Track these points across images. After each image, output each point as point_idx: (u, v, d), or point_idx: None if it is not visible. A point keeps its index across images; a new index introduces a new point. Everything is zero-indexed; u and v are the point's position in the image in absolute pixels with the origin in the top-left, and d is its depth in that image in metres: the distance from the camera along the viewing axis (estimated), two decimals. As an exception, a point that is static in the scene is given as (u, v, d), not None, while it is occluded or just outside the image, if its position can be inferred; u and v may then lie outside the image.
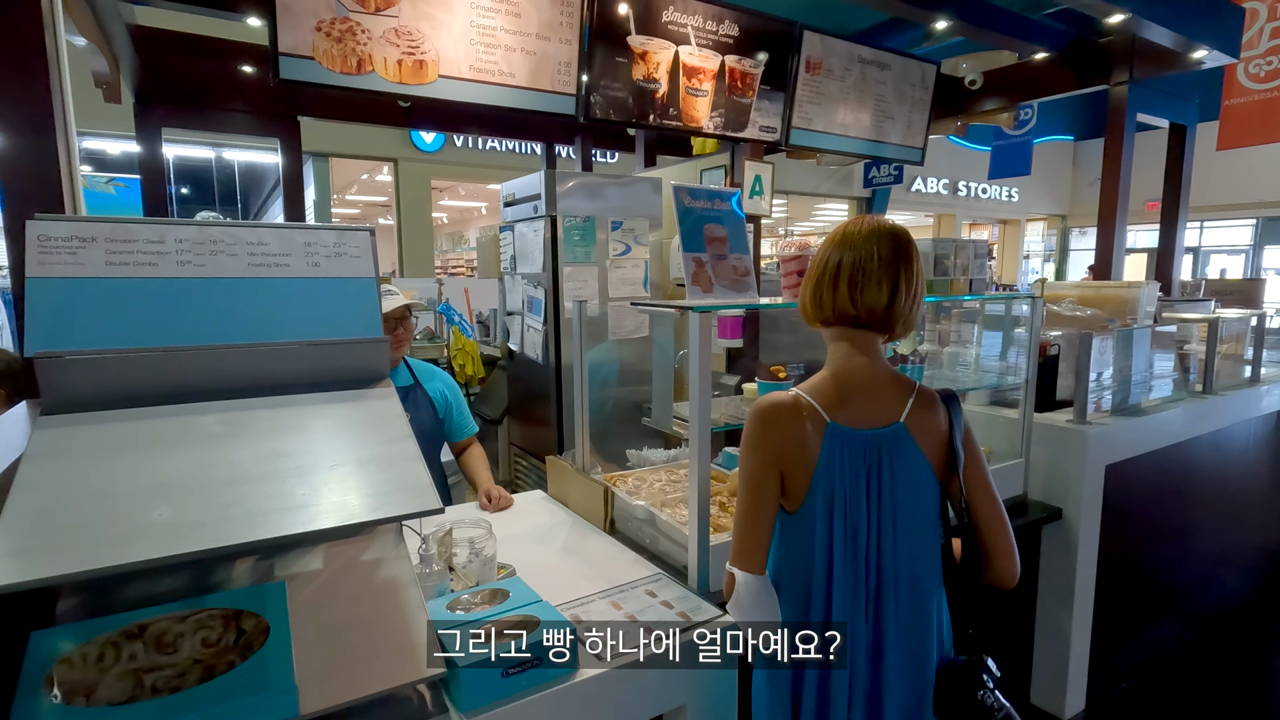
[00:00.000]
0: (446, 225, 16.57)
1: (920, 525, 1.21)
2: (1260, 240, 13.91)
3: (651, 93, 3.23)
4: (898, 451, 1.19)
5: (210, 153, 9.05)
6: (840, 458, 1.16)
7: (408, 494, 1.03)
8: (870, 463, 1.18)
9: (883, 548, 1.18)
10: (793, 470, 1.17)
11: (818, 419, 1.17)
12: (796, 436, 1.17)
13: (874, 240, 1.20)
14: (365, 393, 1.26)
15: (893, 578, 1.19)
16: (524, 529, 1.90)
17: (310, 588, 1.18)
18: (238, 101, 3.72)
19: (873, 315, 1.20)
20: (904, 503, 1.19)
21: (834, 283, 1.21)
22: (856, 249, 1.20)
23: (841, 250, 1.21)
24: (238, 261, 1.20)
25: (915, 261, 1.22)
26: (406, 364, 2.35)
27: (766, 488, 1.17)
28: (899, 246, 1.21)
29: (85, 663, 0.93)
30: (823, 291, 1.22)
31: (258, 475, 1.00)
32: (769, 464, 1.17)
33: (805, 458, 1.17)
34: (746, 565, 1.16)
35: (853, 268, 1.19)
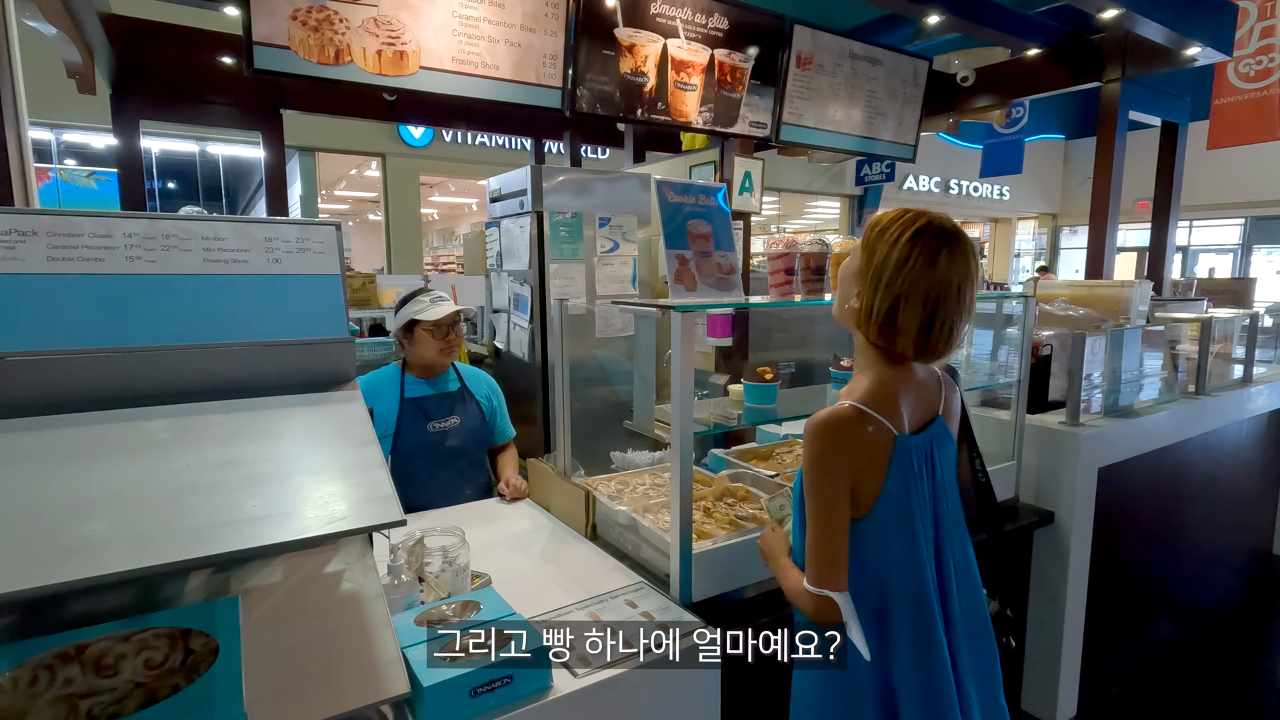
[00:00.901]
0: (437, 221, 16.44)
1: (958, 500, 1.24)
2: (1249, 240, 13.97)
3: (639, 87, 3.17)
4: (942, 441, 1.21)
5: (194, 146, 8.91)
6: (911, 465, 1.15)
7: (368, 505, 0.97)
8: (928, 459, 1.18)
9: (940, 532, 1.20)
10: (861, 483, 1.14)
11: (883, 430, 1.13)
12: (864, 451, 1.12)
13: (964, 268, 1.07)
14: (327, 396, 1.20)
15: (952, 558, 1.20)
16: (502, 535, 1.84)
17: (267, 602, 1.11)
18: (218, 94, 3.64)
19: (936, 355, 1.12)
20: (949, 485, 1.22)
21: (908, 317, 1.07)
22: (939, 278, 1.05)
23: (923, 275, 1.05)
24: (192, 258, 1.14)
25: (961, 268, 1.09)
26: (455, 368, 2.35)
27: (840, 505, 1.12)
28: (974, 269, 1.10)
29: (15, 688, 0.87)
30: (894, 322, 1.08)
31: (204, 486, 0.94)
32: (840, 481, 1.12)
33: (874, 470, 1.13)
34: (840, 584, 1.11)
35: (930, 304, 1.06)
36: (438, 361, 2.23)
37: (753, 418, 1.61)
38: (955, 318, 1.08)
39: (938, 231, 1.08)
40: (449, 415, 2.24)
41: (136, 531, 0.85)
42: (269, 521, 0.91)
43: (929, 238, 1.07)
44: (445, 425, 2.21)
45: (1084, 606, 2.28)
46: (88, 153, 8.38)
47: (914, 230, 1.07)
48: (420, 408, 2.18)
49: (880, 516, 1.14)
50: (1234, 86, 6.54)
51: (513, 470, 2.30)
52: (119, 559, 0.80)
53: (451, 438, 2.21)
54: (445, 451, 2.20)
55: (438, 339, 2.19)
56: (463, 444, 2.24)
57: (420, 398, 2.20)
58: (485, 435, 2.34)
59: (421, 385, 2.23)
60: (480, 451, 2.36)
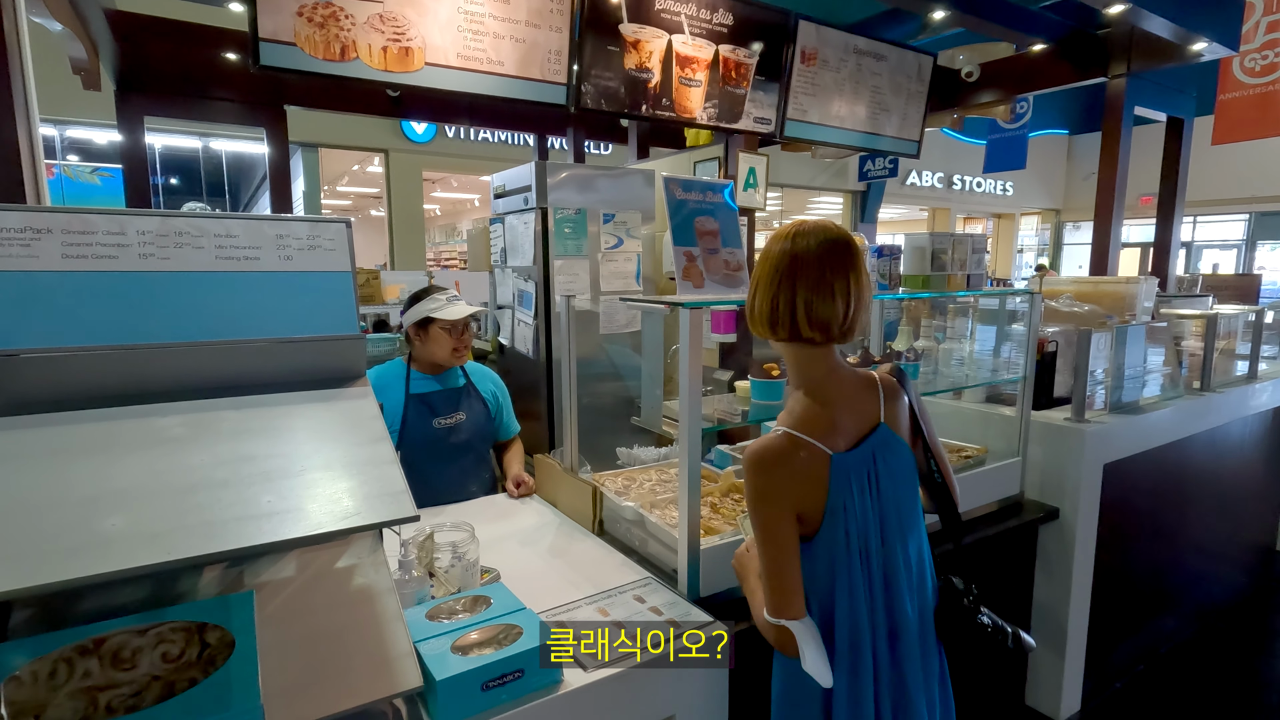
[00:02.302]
0: (439, 218, 16.43)
1: (912, 501, 1.24)
2: (1253, 235, 13.93)
3: (644, 83, 3.17)
4: (887, 449, 1.20)
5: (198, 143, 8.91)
6: (849, 483, 1.15)
7: (381, 500, 0.98)
8: (869, 471, 1.18)
9: (887, 541, 1.19)
10: (806, 507, 1.15)
11: (817, 454, 1.14)
12: (802, 476, 1.14)
13: (822, 251, 1.15)
14: (339, 392, 1.21)
15: (903, 563, 1.19)
16: (510, 530, 1.85)
17: (281, 597, 1.12)
18: (222, 90, 3.64)
19: (830, 332, 1.16)
20: (900, 492, 1.21)
21: (789, 302, 1.15)
22: (805, 263, 1.14)
23: (790, 265, 1.15)
24: (204, 255, 1.15)
25: (861, 263, 1.18)
26: (460, 366, 2.35)
27: (787, 535, 1.13)
28: (849, 253, 1.17)
29: (35, 681, 0.88)
30: (776, 310, 1.16)
31: (219, 481, 0.95)
32: (783, 511, 1.13)
33: (815, 493, 1.14)
34: (796, 612, 1.12)
35: (805, 284, 1.14)
36: (449, 360, 2.23)
37: (760, 414, 1.61)
38: (813, 294, 1.14)
39: (797, 227, 1.18)
40: (454, 411, 2.24)
41: (153, 527, 0.86)
42: (284, 517, 0.91)
43: (789, 234, 1.17)
44: (450, 421, 2.22)
45: (1088, 602, 2.28)
46: (90, 149, 8.39)
47: (781, 234, 1.18)
48: (426, 404, 2.19)
49: (825, 536, 1.15)
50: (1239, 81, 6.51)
51: (519, 467, 2.30)
52: (137, 554, 0.81)
53: (457, 434, 2.22)
54: (450, 448, 2.20)
55: (453, 338, 2.20)
56: (468, 440, 2.24)
57: (426, 394, 2.21)
58: (490, 431, 2.35)
59: (427, 381, 2.24)
60: (485, 448, 2.36)
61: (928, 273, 1.96)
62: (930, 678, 1.24)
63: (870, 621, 1.15)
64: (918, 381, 2.13)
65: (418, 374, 2.24)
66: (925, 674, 1.22)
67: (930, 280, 1.96)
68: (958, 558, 1.27)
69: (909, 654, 1.18)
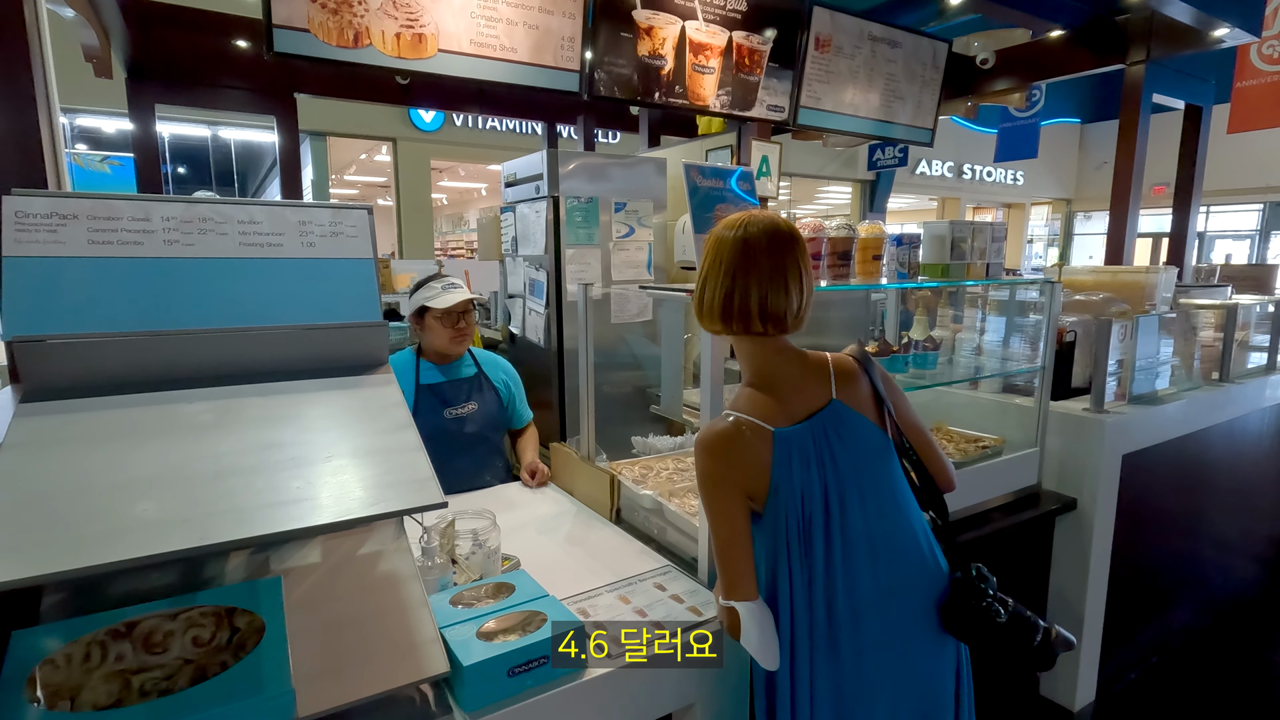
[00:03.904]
0: (446, 207, 16.41)
1: (883, 478, 1.22)
2: (1267, 225, 13.78)
3: (657, 69, 3.14)
4: (841, 425, 1.19)
5: (206, 131, 8.90)
6: (791, 457, 1.15)
7: (408, 487, 0.98)
8: (819, 446, 1.17)
9: (847, 517, 1.17)
10: (754, 487, 1.15)
11: (761, 432, 1.15)
12: (748, 457, 1.14)
13: (772, 242, 1.15)
14: (363, 379, 1.20)
15: (865, 541, 1.17)
16: (527, 518, 1.85)
17: (307, 582, 1.13)
18: (233, 78, 3.63)
19: (783, 324, 1.17)
20: (863, 467, 1.20)
21: (744, 295, 1.15)
22: (757, 255, 1.15)
23: (742, 257, 1.15)
24: (228, 241, 1.14)
25: (806, 254, 1.19)
26: (471, 353, 2.34)
27: (737, 516, 1.14)
28: (796, 244, 1.17)
29: (70, 664, 0.89)
30: (730, 303, 1.16)
31: (248, 467, 0.95)
32: (731, 492, 1.14)
33: (761, 472, 1.15)
34: (744, 594, 1.12)
35: (759, 276, 1.14)
36: (450, 349, 2.21)
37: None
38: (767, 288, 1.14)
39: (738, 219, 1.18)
40: (466, 401, 2.23)
41: (185, 512, 0.86)
42: (313, 503, 0.92)
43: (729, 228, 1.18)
44: (462, 411, 2.21)
45: (1104, 593, 2.28)
46: (99, 137, 8.40)
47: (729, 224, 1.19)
48: (436, 394, 2.18)
49: (769, 513, 1.16)
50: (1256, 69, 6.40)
51: (534, 454, 2.30)
52: (172, 539, 0.81)
53: (469, 424, 2.21)
54: (463, 438, 2.19)
55: (448, 326, 2.17)
56: (480, 430, 2.24)
57: (436, 384, 2.20)
58: (503, 420, 2.34)
59: (437, 371, 2.23)
60: (498, 437, 2.36)
61: (947, 261, 1.95)
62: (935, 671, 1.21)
63: (817, 599, 1.14)
64: (936, 371, 2.11)
65: (427, 364, 2.23)
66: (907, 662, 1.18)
67: (950, 269, 1.94)
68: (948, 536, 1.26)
69: (872, 639, 1.15)
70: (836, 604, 1.14)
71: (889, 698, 1.17)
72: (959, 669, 1.25)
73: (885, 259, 1.84)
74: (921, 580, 1.20)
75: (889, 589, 1.17)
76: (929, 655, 1.20)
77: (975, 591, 1.17)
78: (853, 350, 1.28)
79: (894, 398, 1.27)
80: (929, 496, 1.27)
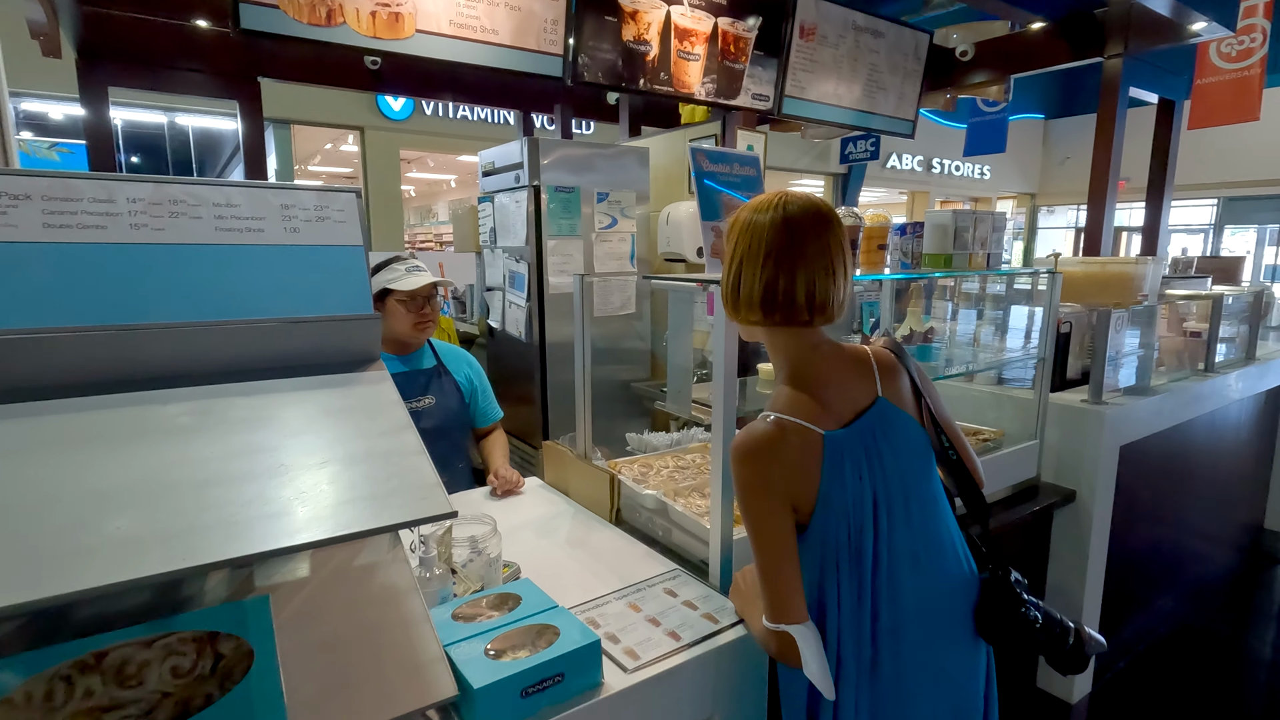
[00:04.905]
0: (414, 199, 16.08)
1: (925, 482, 1.14)
2: (1220, 220, 14.21)
3: (642, 55, 3.06)
4: (887, 425, 1.12)
5: (163, 118, 8.51)
6: (842, 463, 1.06)
7: (413, 494, 0.89)
8: (869, 450, 1.09)
9: (894, 525, 1.09)
10: (799, 496, 1.06)
11: (808, 436, 1.06)
12: (795, 464, 1.05)
13: (817, 224, 1.06)
14: (356, 376, 1.11)
15: (908, 550, 1.10)
16: (522, 520, 1.76)
17: (297, 599, 1.03)
18: (194, 59, 3.43)
19: (828, 312, 1.08)
20: (908, 470, 1.12)
21: (788, 282, 1.05)
22: (791, 240, 1.05)
23: (784, 241, 1.05)
24: (203, 225, 1.04)
25: (845, 236, 1.10)
26: (430, 346, 2.18)
27: (783, 529, 1.04)
28: (832, 224, 1.08)
29: (30, 703, 0.78)
30: (771, 292, 1.07)
31: (235, 475, 0.85)
32: (776, 504, 1.04)
33: (809, 480, 1.06)
34: (796, 616, 1.02)
35: (805, 262, 1.05)
36: (412, 337, 2.07)
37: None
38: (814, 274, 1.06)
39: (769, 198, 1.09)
40: (422, 395, 2.08)
41: (166, 527, 0.76)
42: (309, 514, 0.82)
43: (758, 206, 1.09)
44: (418, 406, 2.06)
45: (1102, 584, 2.28)
46: (46, 123, 7.98)
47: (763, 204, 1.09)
48: None
49: (818, 525, 1.07)
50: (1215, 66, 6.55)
51: (502, 458, 2.14)
52: (151, 559, 0.71)
53: (425, 419, 2.05)
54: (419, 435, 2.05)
55: (412, 312, 2.02)
56: (439, 426, 2.07)
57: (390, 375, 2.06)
58: (465, 418, 2.19)
59: (391, 362, 2.08)
60: (460, 435, 2.20)
61: (950, 251, 1.91)
62: (969, 676, 1.17)
63: (864, 617, 1.07)
64: (937, 364, 2.08)
65: (383, 355, 2.10)
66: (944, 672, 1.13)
67: (953, 259, 1.90)
68: (986, 542, 1.20)
69: (910, 652, 1.09)
70: (880, 619, 1.07)
71: (927, 709, 1.11)
72: (988, 670, 1.21)
73: (890, 248, 1.79)
74: (958, 586, 1.14)
75: (929, 599, 1.10)
76: (964, 661, 1.15)
77: (1010, 595, 1.12)
78: (885, 341, 1.21)
79: (930, 391, 1.20)
80: (970, 496, 1.20)
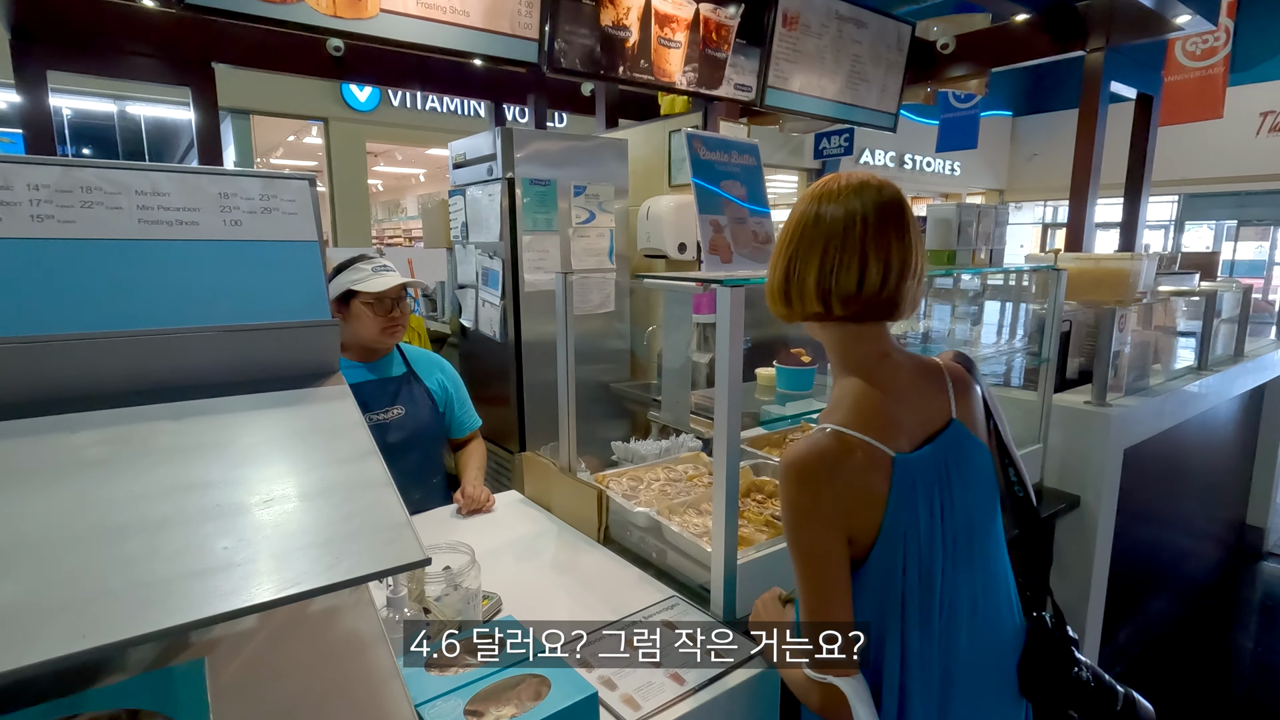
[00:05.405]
0: (382, 194, 15.72)
1: (991, 520, 1.02)
2: (1181, 216, 14.53)
3: (621, 41, 2.92)
4: (961, 452, 0.98)
5: (112, 106, 8.11)
6: (914, 493, 0.93)
7: (377, 538, 0.75)
8: (940, 479, 0.96)
9: (957, 568, 0.97)
10: (858, 525, 0.92)
11: (878, 456, 0.92)
12: (857, 487, 0.91)
13: (857, 205, 0.93)
14: (309, 393, 0.96)
15: (968, 595, 0.98)
16: (502, 541, 1.62)
17: (240, 658, 0.88)
18: (141, 42, 3.20)
19: (868, 303, 0.94)
20: (975, 504, 0.99)
21: (860, 270, 0.93)
22: (834, 219, 0.93)
23: (818, 222, 0.94)
24: (123, 217, 0.88)
25: (915, 223, 0.98)
26: (400, 351, 2.02)
27: (837, 563, 0.91)
28: (890, 209, 0.95)
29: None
30: (807, 277, 0.95)
31: (157, 521, 0.70)
32: (831, 531, 0.90)
33: (871, 508, 0.92)
34: (847, 666, 0.89)
35: (831, 245, 0.93)
36: (379, 343, 1.91)
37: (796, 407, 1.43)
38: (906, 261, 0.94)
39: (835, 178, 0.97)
40: (391, 405, 1.92)
41: (63, 594, 0.61)
42: (249, 569, 0.67)
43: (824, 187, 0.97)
44: (386, 417, 1.90)
45: (1105, 594, 2.21)
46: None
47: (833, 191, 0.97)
48: (355, 396, 1.86)
49: (879, 562, 0.93)
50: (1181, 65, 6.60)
51: (475, 473, 1.99)
52: (40, 640, 0.56)
53: (395, 431, 1.90)
54: (388, 448, 1.83)
55: (379, 315, 1.87)
56: (410, 438, 1.93)
57: (355, 385, 1.88)
58: (439, 428, 2.04)
59: (358, 370, 1.92)
60: (434, 448, 2.06)
61: (954, 247, 1.81)
62: None
63: (933, 673, 0.95)
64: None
65: (346, 361, 1.90)
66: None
67: (957, 255, 1.80)
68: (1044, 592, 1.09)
69: (957, 710, 0.98)
70: (933, 673, 0.95)
71: None
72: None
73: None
74: (1008, 639, 1.03)
75: (981, 651, 0.98)
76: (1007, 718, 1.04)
77: (1064, 653, 1.01)
78: (954, 353, 1.07)
79: (1000, 415, 1.07)
80: (1037, 539, 1.08)
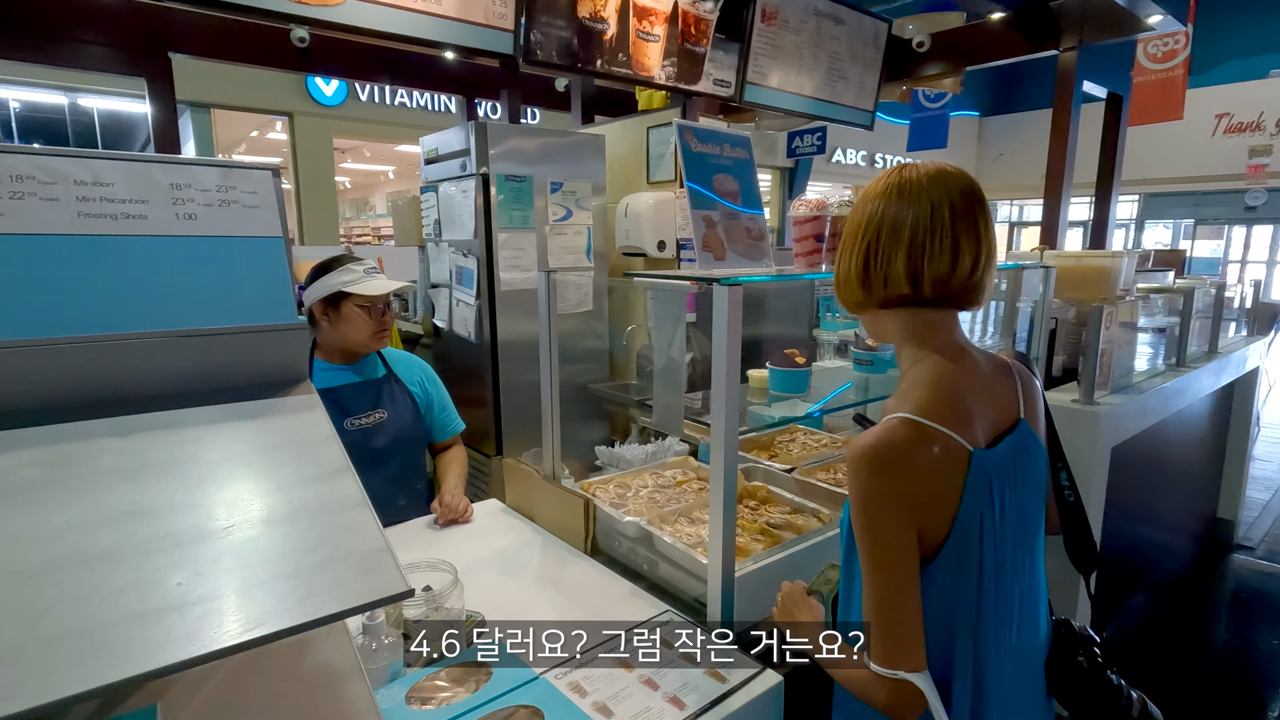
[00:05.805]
0: (349, 191, 15.40)
1: (1040, 524, 1.02)
2: (1142, 215, 14.91)
3: (599, 34, 2.85)
4: (1027, 454, 0.97)
5: (63, 98, 7.78)
6: (989, 489, 0.90)
7: (352, 566, 0.67)
8: (1009, 479, 0.94)
9: (1017, 562, 0.96)
10: (929, 521, 0.89)
11: (953, 448, 0.88)
12: (931, 479, 0.88)
13: (943, 191, 0.91)
14: (274, 404, 0.87)
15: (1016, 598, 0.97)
16: (484, 554, 1.54)
17: (200, 696, 0.80)
18: (92, 29, 3.04)
19: (956, 287, 0.92)
20: (1030, 508, 0.99)
21: (896, 249, 0.91)
22: (921, 203, 0.91)
23: (900, 206, 0.91)
24: (60, 210, 0.78)
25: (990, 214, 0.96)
26: (379, 353, 1.95)
27: (909, 555, 0.87)
28: (975, 196, 0.94)
29: None
30: (895, 259, 0.91)
31: (99, 555, 0.62)
32: (904, 525, 0.87)
33: (945, 502, 0.89)
34: (916, 662, 0.85)
35: (921, 228, 0.90)
36: (369, 345, 1.86)
37: (782, 409, 1.37)
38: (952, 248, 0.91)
39: (911, 167, 0.96)
40: (374, 408, 1.86)
41: (-18, 647, 0.52)
42: (207, 608, 0.59)
43: (901, 174, 0.95)
44: (367, 421, 1.84)
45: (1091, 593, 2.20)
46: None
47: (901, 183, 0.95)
48: (335, 400, 1.79)
49: (949, 559, 0.90)
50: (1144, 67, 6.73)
51: (454, 481, 1.93)
52: (-52, 707, 0.48)
53: (376, 436, 1.84)
54: (369, 454, 1.82)
55: (373, 319, 1.82)
56: (391, 444, 1.87)
57: (334, 388, 1.82)
58: (421, 432, 1.99)
59: (337, 373, 1.85)
60: (415, 452, 2.00)
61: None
62: None
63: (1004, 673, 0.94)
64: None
65: (323, 364, 1.85)
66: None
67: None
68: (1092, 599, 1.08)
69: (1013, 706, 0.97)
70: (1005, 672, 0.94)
71: None
72: None
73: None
74: (1041, 645, 1.02)
75: (1020, 656, 0.97)
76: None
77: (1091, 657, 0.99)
78: (1012, 351, 1.07)
79: (1052, 423, 1.06)
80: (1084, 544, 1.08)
